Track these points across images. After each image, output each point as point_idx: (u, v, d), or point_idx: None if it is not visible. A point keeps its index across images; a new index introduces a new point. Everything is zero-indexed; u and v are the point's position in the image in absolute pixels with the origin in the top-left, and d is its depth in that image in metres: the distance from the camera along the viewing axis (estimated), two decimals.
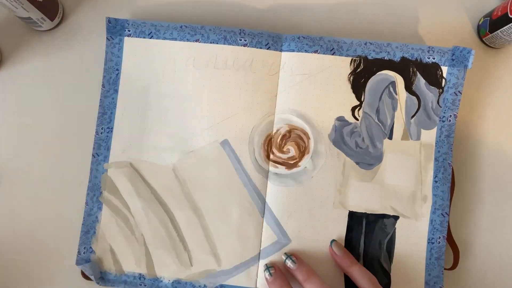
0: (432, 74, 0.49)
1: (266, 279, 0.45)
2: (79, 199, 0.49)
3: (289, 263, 0.45)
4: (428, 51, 0.49)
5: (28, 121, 0.51)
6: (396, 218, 0.48)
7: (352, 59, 0.49)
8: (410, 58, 0.49)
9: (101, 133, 0.49)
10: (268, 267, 0.46)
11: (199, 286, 0.47)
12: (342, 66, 0.49)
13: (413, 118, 0.49)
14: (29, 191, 0.50)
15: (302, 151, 0.48)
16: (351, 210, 0.48)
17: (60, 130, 0.51)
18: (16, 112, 0.51)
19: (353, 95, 0.49)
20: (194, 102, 0.49)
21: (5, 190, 0.50)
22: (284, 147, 0.48)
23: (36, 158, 0.50)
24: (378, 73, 0.49)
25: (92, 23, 0.52)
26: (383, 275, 0.47)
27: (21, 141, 0.51)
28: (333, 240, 0.47)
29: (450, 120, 0.48)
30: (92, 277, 0.46)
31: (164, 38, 0.49)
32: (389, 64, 0.49)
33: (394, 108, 0.49)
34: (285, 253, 0.46)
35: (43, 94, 0.51)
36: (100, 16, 0.53)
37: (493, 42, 0.51)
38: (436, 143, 0.48)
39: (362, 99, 0.49)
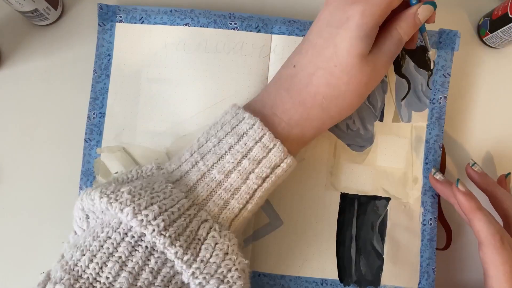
0: (420, 57, 0.49)
1: (436, 179, 0.46)
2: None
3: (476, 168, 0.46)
4: None
5: (28, 118, 0.51)
6: (387, 199, 0.48)
7: None
8: None
9: (93, 118, 0.49)
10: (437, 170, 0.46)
11: None
12: None
13: (404, 101, 0.49)
14: (28, 183, 0.50)
15: None
16: (342, 192, 0.48)
17: (60, 126, 0.51)
18: (16, 110, 0.51)
19: None
20: (186, 86, 0.49)
21: (5, 184, 0.50)
22: None
23: (37, 153, 0.51)
24: None
25: (93, 14, 0.52)
26: (376, 257, 0.48)
27: (22, 137, 0.51)
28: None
29: (440, 102, 0.49)
30: None
31: (155, 23, 0.49)
32: None
33: (384, 91, 0.49)
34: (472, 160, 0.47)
35: (44, 91, 0.52)
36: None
37: (493, 42, 0.52)
38: (427, 125, 0.49)
39: None
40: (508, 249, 0.39)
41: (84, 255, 0.34)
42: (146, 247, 0.34)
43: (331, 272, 0.47)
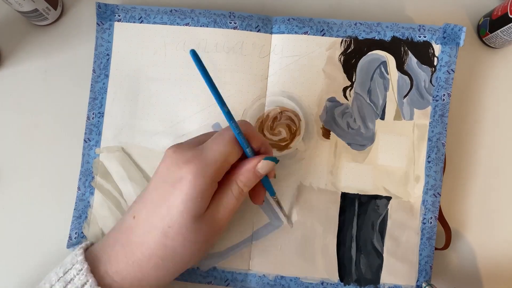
0: (423, 53, 0.48)
1: None
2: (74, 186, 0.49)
3: None
4: (419, 30, 0.48)
5: (28, 118, 0.51)
6: (388, 199, 0.48)
7: (342, 40, 0.48)
8: (401, 37, 0.48)
9: (92, 118, 0.49)
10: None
11: (192, 268, 0.47)
12: (333, 47, 0.48)
13: (406, 98, 0.48)
14: (27, 183, 0.51)
15: (293, 132, 0.48)
16: (343, 191, 0.48)
17: (60, 126, 0.51)
18: (16, 110, 0.51)
19: (344, 76, 0.48)
20: (185, 85, 0.49)
21: (5, 183, 0.51)
22: (275, 129, 0.48)
23: (36, 153, 0.51)
24: (369, 53, 0.48)
25: (93, 14, 0.52)
26: (376, 256, 0.47)
27: (21, 137, 0.51)
28: None
29: (444, 100, 0.48)
30: None
31: (154, 23, 0.49)
32: (379, 44, 0.48)
33: (386, 88, 0.48)
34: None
35: (43, 91, 0.52)
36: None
37: (493, 42, 0.51)
38: (430, 123, 0.48)
39: (353, 80, 0.48)
40: None
41: None
42: None
43: (331, 273, 0.47)
